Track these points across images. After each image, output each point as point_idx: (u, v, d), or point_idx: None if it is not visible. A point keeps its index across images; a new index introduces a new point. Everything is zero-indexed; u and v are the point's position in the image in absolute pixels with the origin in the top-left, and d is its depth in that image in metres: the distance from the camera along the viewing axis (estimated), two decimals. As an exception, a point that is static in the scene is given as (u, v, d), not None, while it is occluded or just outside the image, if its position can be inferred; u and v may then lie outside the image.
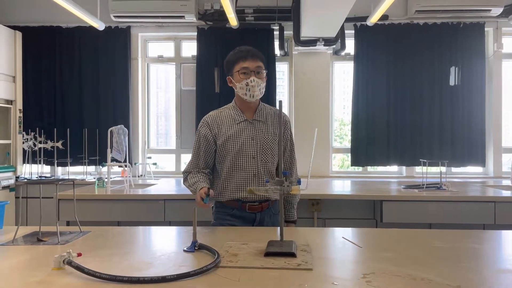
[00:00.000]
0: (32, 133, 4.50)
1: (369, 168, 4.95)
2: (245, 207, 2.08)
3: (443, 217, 3.12)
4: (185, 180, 2.16)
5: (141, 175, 4.75)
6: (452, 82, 4.59)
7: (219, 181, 2.13)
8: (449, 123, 4.66)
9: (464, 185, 3.81)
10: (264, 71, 2.10)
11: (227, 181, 2.09)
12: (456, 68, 4.60)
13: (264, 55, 2.18)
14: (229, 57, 2.15)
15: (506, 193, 3.31)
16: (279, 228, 1.62)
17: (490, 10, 4.45)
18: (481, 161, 4.70)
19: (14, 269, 1.38)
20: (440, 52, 4.67)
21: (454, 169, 4.77)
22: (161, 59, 5.07)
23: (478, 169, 4.83)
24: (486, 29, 4.70)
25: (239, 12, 4.52)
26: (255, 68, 2.06)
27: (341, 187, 3.99)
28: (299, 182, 1.53)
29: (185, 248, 1.55)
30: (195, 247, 1.54)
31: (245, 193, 2.06)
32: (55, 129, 4.59)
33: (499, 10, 4.45)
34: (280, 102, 1.70)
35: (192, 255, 1.50)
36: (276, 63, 4.79)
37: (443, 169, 3.55)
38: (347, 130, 4.95)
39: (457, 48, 4.66)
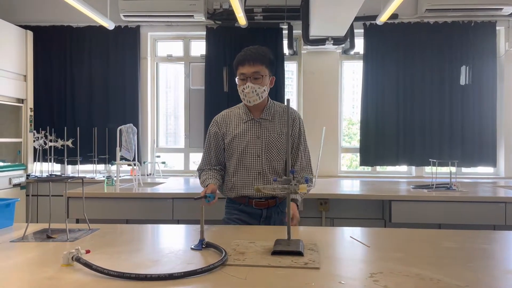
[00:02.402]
0: (43, 132, 4.55)
1: (378, 168, 4.92)
2: (252, 203, 2.17)
3: (453, 217, 3.09)
4: (199, 178, 2.24)
5: (150, 174, 4.78)
6: (463, 81, 4.53)
7: (228, 178, 2.22)
8: (460, 123, 4.61)
9: (474, 186, 3.77)
10: (262, 76, 2.07)
11: (234, 179, 2.18)
12: (467, 67, 4.54)
13: (272, 54, 2.17)
14: (235, 59, 2.15)
15: (517, 194, 3.27)
16: (286, 227, 1.61)
17: (501, 8, 4.40)
18: (492, 161, 4.64)
19: (24, 265, 1.39)
20: (451, 51, 4.62)
21: (464, 170, 4.72)
22: (170, 58, 5.09)
23: (488, 169, 4.78)
24: (497, 28, 4.65)
25: (248, 12, 4.52)
26: (252, 74, 2.07)
27: (350, 187, 3.97)
28: (306, 181, 1.53)
29: (192, 246, 1.56)
30: (203, 245, 1.55)
31: (251, 191, 2.14)
32: (65, 127, 4.64)
33: (511, 9, 4.40)
34: (288, 100, 1.68)
35: (199, 253, 1.50)
36: (285, 62, 4.77)
37: (453, 169, 3.51)
38: (356, 129, 4.93)
39: (468, 47, 4.61)
